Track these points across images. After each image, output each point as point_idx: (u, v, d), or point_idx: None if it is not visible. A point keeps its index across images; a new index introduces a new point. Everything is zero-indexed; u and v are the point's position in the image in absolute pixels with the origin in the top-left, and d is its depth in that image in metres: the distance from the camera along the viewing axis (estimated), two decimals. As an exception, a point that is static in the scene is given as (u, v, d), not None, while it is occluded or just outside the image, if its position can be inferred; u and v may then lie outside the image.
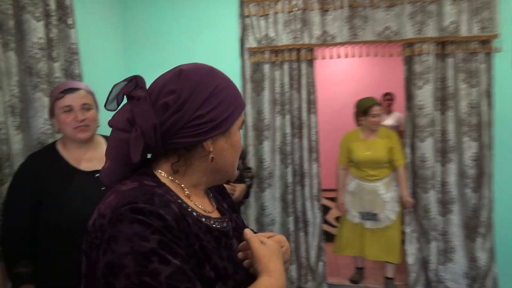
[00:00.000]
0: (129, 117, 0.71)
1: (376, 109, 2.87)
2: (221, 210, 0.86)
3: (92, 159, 1.55)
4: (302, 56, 2.91)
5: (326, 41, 2.87)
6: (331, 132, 5.41)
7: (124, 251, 0.59)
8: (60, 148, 1.55)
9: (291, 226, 3.05)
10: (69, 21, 2.15)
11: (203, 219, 0.75)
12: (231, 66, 3.01)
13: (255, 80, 3.00)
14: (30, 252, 1.45)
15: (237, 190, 2.27)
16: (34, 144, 1.90)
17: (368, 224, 2.94)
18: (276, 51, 2.93)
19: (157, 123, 0.69)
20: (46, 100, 1.88)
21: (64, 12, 2.13)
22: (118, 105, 0.76)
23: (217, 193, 0.93)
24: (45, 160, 1.50)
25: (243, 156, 2.47)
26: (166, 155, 0.76)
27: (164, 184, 0.73)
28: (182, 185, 0.77)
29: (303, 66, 2.94)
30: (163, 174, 0.76)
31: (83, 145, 1.54)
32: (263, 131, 3.02)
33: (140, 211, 0.61)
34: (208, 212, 0.79)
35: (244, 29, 2.96)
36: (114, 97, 0.75)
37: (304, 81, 2.95)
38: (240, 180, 2.34)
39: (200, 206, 0.78)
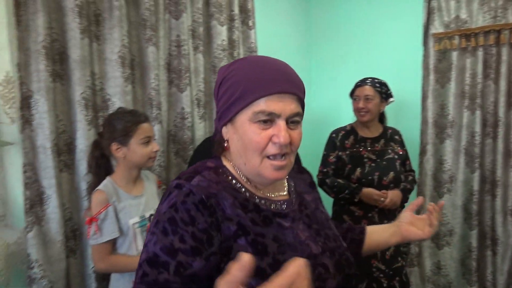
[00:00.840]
0: None
1: None
2: (290, 194, 0.87)
3: None
4: (503, 38, 2.38)
5: (541, 18, 2.26)
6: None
7: (156, 216, 0.73)
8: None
9: (474, 242, 2.58)
10: (250, 23, 2.41)
11: (256, 199, 0.79)
12: (412, 56, 2.73)
13: (439, 70, 2.64)
14: None
15: (388, 196, 1.99)
16: (213, 131, 2.24)
17: None
18: (468, 35, 2.49)
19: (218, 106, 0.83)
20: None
21: (246, 15, 2.40)
22: None
23: (307, 185, 0.98)
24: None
25: (403, 158, 2.18)
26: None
27: (223, 166, 0.81)
28: (239, 170, 0.81)
29: (504, 51, 2.40)
30: (227, 157, 0.84)
31: None
32: (445, 129, 2.64)
33: (179, 185, 0.73)
34: (269, 195, 0.82)
35: (429, 13, 2.63)
36: None
37: (504, 69, 2.41)
38: (395, 183, 2.08)
39: (260, 190, 0.81)
